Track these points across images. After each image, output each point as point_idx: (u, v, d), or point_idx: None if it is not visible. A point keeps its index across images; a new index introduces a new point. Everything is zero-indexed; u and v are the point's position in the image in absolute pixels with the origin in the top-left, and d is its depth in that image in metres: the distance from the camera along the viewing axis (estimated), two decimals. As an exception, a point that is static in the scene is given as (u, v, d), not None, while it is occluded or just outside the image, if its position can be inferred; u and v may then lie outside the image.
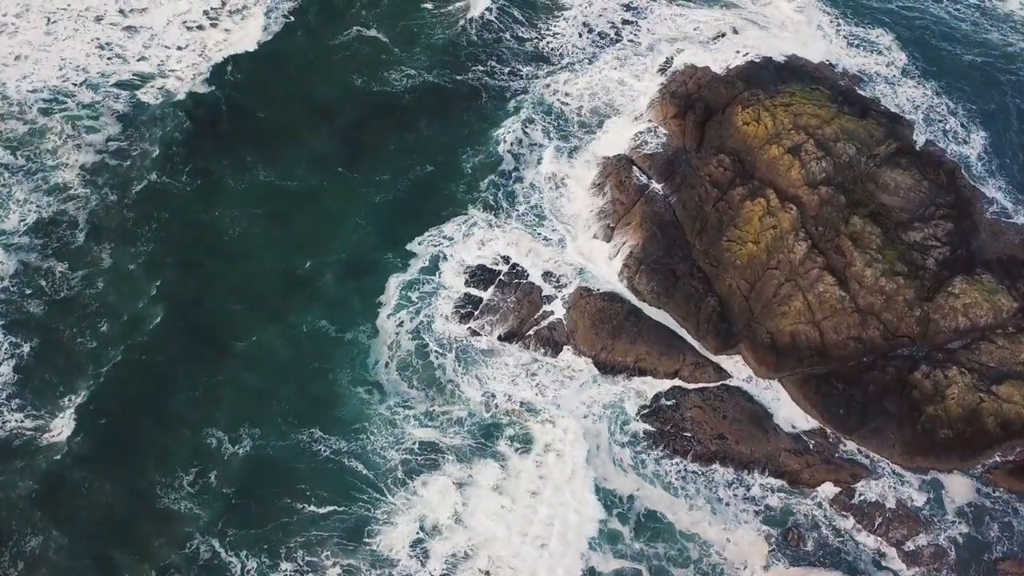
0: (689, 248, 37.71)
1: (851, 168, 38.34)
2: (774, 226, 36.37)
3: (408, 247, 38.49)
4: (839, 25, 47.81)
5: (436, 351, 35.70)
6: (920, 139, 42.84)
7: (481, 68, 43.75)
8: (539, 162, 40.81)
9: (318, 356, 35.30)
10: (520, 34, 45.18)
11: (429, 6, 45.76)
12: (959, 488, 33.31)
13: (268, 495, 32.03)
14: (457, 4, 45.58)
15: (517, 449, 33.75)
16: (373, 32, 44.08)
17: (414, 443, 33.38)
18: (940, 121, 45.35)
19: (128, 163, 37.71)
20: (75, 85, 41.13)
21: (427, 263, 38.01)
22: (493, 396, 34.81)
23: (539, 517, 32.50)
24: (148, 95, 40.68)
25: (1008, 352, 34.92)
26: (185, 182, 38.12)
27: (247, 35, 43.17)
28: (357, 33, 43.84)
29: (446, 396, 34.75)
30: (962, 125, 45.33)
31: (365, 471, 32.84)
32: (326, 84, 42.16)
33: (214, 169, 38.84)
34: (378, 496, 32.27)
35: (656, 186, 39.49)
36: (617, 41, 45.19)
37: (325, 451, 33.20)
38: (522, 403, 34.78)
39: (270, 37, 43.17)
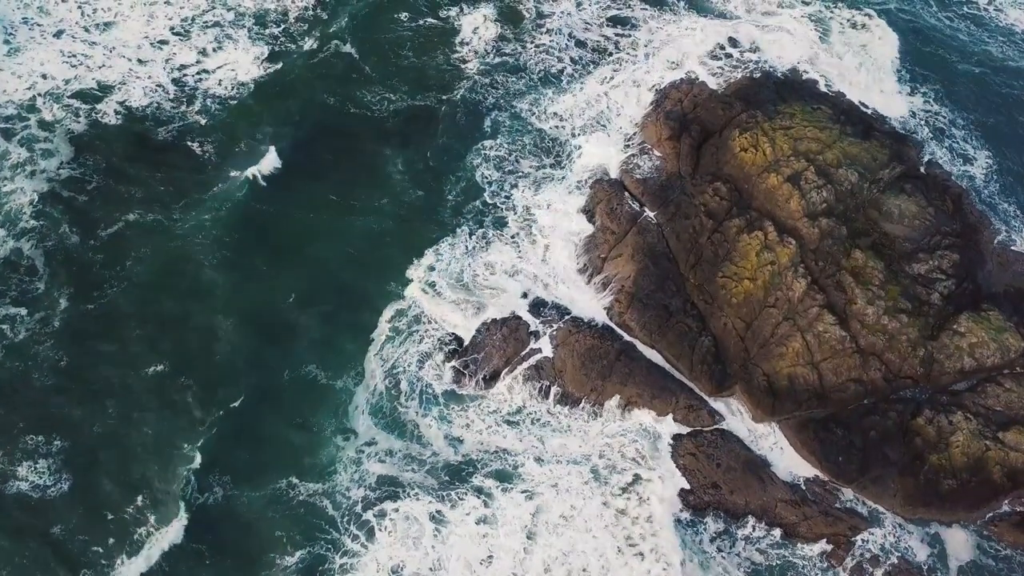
0: (683, 282, 35.93)
1: (853, 196, 36.51)
2: (772, 262, 34.59)
3: (394, 279, 36.56)
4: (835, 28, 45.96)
5: (415, 394, 33.94)
6: (924, 157, 41.11)
7: (468, 86, 41.49)
8: (525, 188, 38.85)
9: (303, 404, 33.49)
10: (504, 49, 42.92)
11: (403, 17, 43.47)
12: (962, 542, 31.91)
13: (234, 542, 30.72)
14: (437, 22, 43.44)
15: (498, 492, 32.30)
16: (354, 51, 41.72)
17: (383, 485, 31.87)
18: (942, 136, 43.53)
19: (85, 198, 35.48)
20: (40, 96, 38.93)
21: (414, 294, 36.08)
22: (460, 440, 33.23)
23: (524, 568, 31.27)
24: (108, 113, 38.29)
25: (1015, 395, 33.39)
26: (154, 215, 35.92)
27: (223, 55, 40.83)
28: (336, 51, 41.54)
29: (419, 440, 33.16)
30: (966, 143, 43.52)
31: (332, 511, 31.41)
32: (307, 106, 39.90)
33: (187, 199, 36.64)
34: (343, 538, 30.88)
35: (649, 214, 37.62)
36: (608, 55, 42.97)
37: (301, 495, 31.79)
38: (499, 448, 33.25)
39: (246, 58, 40.75)
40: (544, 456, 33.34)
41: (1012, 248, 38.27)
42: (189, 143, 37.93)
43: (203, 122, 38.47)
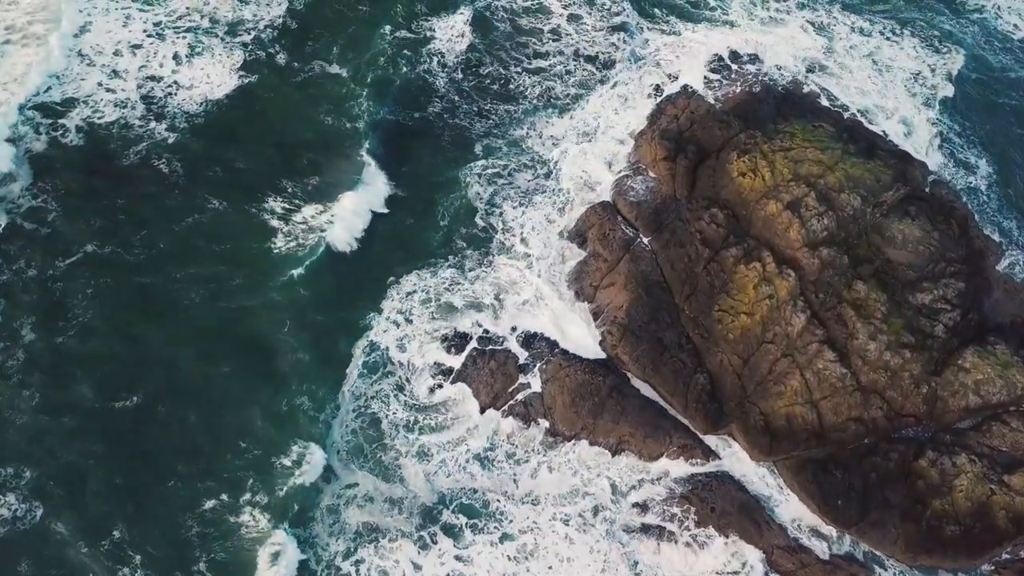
0: (678, 313, 34.42)
1: (856, 221, 34.94)
2: (770, 295, 33.09)
3: (377, 307, 34.83)
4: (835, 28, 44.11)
5: (395, 432, 32.44)
6: (928, 176, 39.43)
7: (457, 103, 39.30)
8: (516, 211, 37.09)
9: (283, 440, 31.79)
10: (496, 67, 40.63)
11: (385, 31, 40.85)
12: (966, 590, 31.08)
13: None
14: (414, 35, 41.08)
15: (480, 535, 31.11)
16: (335, 68, 39.23)
17: (363, 532, 30.64)
18: (948, 149, 41.97)
19: (48, 231, 33.44)
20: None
21: (399, 325, 34.40)
22: (441, 481, 31.78)
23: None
24: (71, 131, 35.98)
25: (1022, 436, 32.18)
26: (112, 246, 33.66)
27: (197, 67, 38.42)
28: (311, 64, 39.11)
29: (400, 481, 31.78)
30: (971, 156, 42.03)
31: (314, 564, 30.08)
32: (283, 124, 37.64)
33: (151, 225, 34.45)
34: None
35: (643, 240, 36.02)
36: (603, 69, 40.80)
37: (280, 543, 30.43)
38: (482, 488, 31.93)
39: (221, 71, 38.29)
40: (532, 497, 32.04)
41: (1019, 275, 36.97)
42: (157, 164, 35.64)
43: (171, 141, 36.22)
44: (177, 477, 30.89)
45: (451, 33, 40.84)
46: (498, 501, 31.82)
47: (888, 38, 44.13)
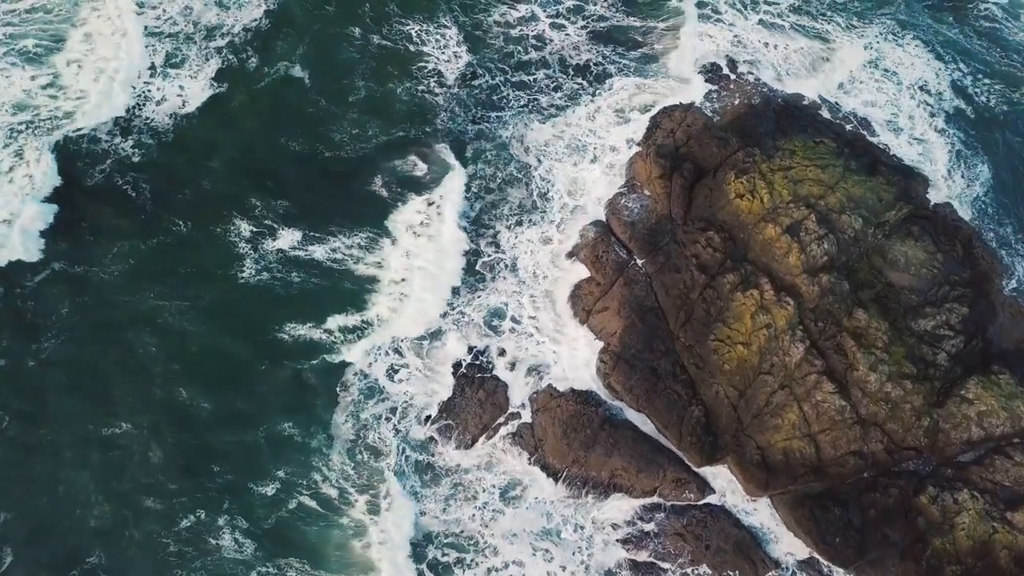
0: (672, 340, 33.29)
1: (857, 243, 33.73)
2: (768, 324, 31.93)
3: (367, 334, 33.45)
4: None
5: (381, 464, 31.31)
6: (932, 193, 38.10)
7: (439, 117, 37.34)
8: (505, 232, 35.65)
9: (263, 462, 31.06)
10: (479, 75, 38.69)
11: (356, 32, 38.75)
12: (966, 631, 30.28)
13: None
14: (394, 44, 38.88)
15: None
16: (304, 76, 37.29)
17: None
18: (955, 161, 40.56)
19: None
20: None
21: (388, 353, 33.15)
22: (427, 519, 30.89)
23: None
24: (43, 147, 34.18)
25: (1025, 470, 31.38)
26: (82, 265, 32.41)
27: (172, 77, 36.55)
28: (285, 73, 37.15)
29: (388, 519, 30.65)
30: (979, 167, 40.67)
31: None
32: (259, 140, 35.89)
33: (122, 243, 33.07)
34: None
35: (637, 262, 34.71)
36: (595, 79, 38.89)
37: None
38: (472, 527, 30.95)
39: (195, 84, 36.36)
40: (513, 532, 31.21)
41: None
42: (121, 183, 34.00)
43: (138, 159, 34.52)
44: (155, 497, 29.98)
45: (442, 48, 38.77)
46: (480, 534, 30.97)
47: (889, 42, 42.46)
